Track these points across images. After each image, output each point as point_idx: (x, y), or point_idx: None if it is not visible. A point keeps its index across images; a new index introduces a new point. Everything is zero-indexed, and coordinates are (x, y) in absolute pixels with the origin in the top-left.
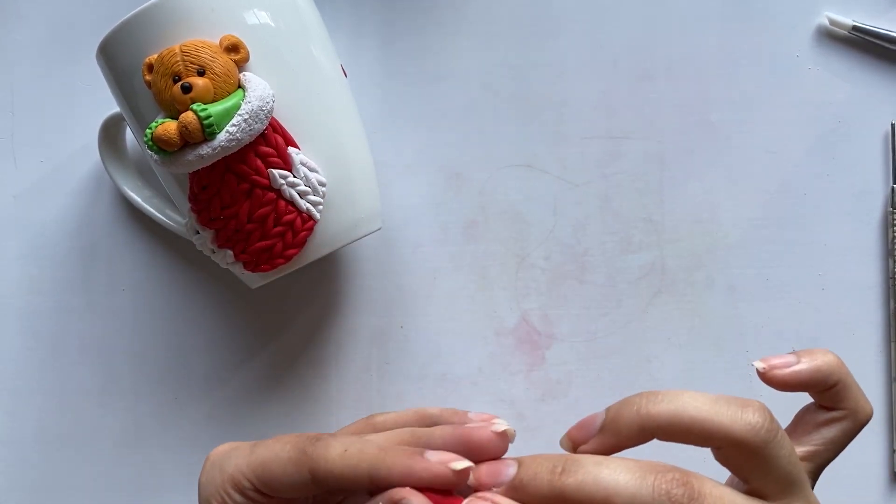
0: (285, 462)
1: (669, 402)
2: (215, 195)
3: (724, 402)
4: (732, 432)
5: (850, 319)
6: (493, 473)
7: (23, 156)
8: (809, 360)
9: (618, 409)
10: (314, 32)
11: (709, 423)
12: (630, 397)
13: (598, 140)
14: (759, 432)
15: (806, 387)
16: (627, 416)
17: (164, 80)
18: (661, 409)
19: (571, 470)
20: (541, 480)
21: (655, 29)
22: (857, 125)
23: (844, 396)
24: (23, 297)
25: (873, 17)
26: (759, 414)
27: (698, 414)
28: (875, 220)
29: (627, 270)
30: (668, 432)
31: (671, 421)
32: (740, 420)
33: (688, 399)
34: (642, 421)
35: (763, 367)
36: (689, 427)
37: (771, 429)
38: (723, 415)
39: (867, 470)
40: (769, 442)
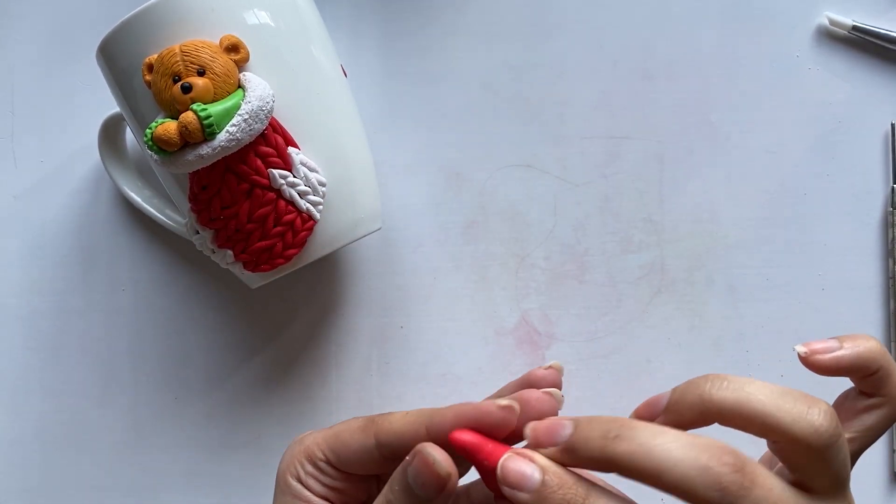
0: (355, 430)
1: (734, 391)
2: (215, 195)
3: (791, 398)
4: (794, 431)
5: (850, 319)
6: (549, 432)
7: (23, 156)
8: (852, 345)
9: (683, 390)
10: (314, 32)
11: (771, 418)
12: (696, 379)
13: (598, 140)
14: (821, 436)
15: (848, 372)
16: (691, 398)
17: (164, 80)
18: (726, 395)
19: (626, 437)
20: (593, 443)
21: (655, 29)
22: (857, 125)
23: (886, 383)
24: (23, 297)
25: (873, 17)
26: (825, 417)
27: (762, 407)
28: (875, 220)
29: (627, 270)
30: (729, 420)
31: (734, 409)
32: (804, 420)
33: (754, 389)
34: (705, 405)
35: (805, 352)
36: (752, 418)
37: (834, 433)
38: (787, 411)
39: (867, 470)
40: (830, 447)
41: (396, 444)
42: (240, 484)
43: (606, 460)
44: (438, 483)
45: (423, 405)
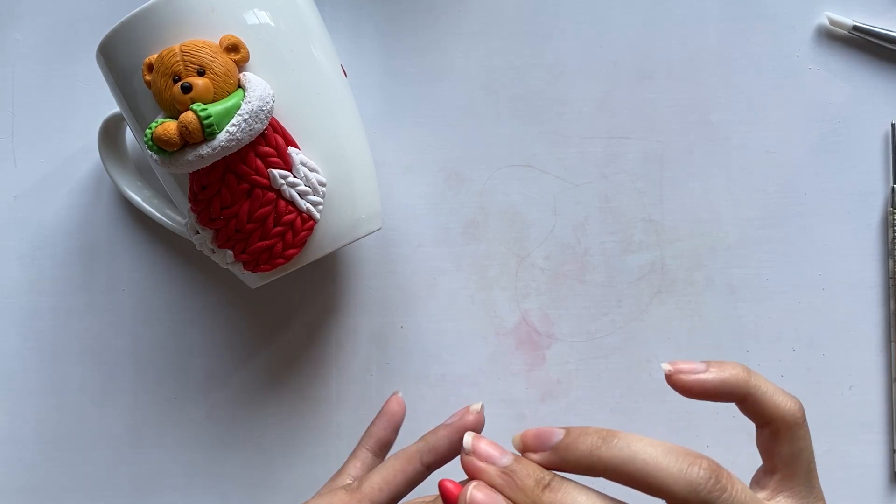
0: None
1: (622, 449)
2: (215, 195)
3: (674, 457)
4: (674, 490)
5: (850, 319)
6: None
7: (23, 156)
8: (718, 370)
9: (576, 437)
10: (314, 32)
11: (653, 478)
12: (590, 430)
13: (598, 140)
14: (699, 491)
15: (713, 396)
16: (581, 449)
17: (164, 80)
18: (613, 454)
19: (555, 487)
20: (527, 484)
21: (655, 29)
22: (857, 125)
23: (761, 407)
24: (23, 297)
25: (873, 17)
26: (705, 472)
27: (645, 467)
28: (875, 220)
29: (627, 270)
30: (614, 476)
31: (619, 468)
32: (683, 478)
33: (639, 448)
34: (592, 461)
35: (669, 370)
36: (636, 477)
37: (714, 489)
38: (668, 470)
39: (867, 470)
40: (712, 502)
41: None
42: (239, 483)
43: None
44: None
45: (423, 405)
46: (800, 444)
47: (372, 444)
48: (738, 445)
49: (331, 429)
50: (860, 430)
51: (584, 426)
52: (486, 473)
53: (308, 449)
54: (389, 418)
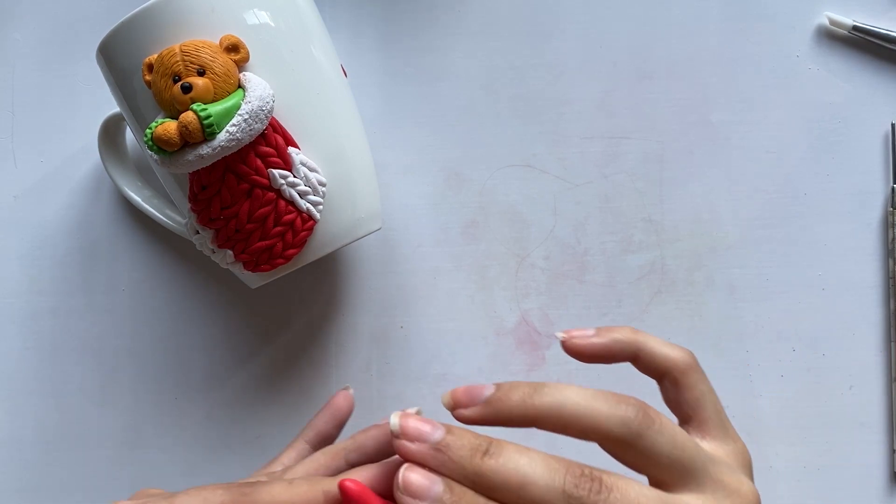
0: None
1: (553, 396)
2: (215, 195)
3: (602, 398)
4: (606, 426)
5: (850, 319)
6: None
7: (23, 156)
8: (606, 332)
9: (507, 390)
10: (314, 32)
11: (585, 419)
12: (519, 383)
13: (598, 140)
14: (630, 424)
15: (606, 358)
16: (514, 399)
17: (164, 80)
18: (545, 401)
19: (493, 452)
20: (463, 455)
21: (655, 29)
22: (857, 125)
23: (652, 360)
24: (23, 297)
25: (873, 17)
26: (633, 408)
27: (576, 409)
28: (875, 220)
29: (627, 270)
30: (547, 423)
31: (551, 413)
32: (615, 415)
33: (569, 393)
34: (525, 410)
35: (563, 337)
36: (568, 421)
37: (644, 421)
38: (599, 410)
39: (867, 470)
40: (642, 433)
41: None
42: None
43: (475, 473)
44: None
45: (422, 405)
46: (700, 388)
47: (311, 437)
48: None
49: None
50: (860, 430)
51: (512, 381)
52: (417, 454)
53: None
54: (333, 412)
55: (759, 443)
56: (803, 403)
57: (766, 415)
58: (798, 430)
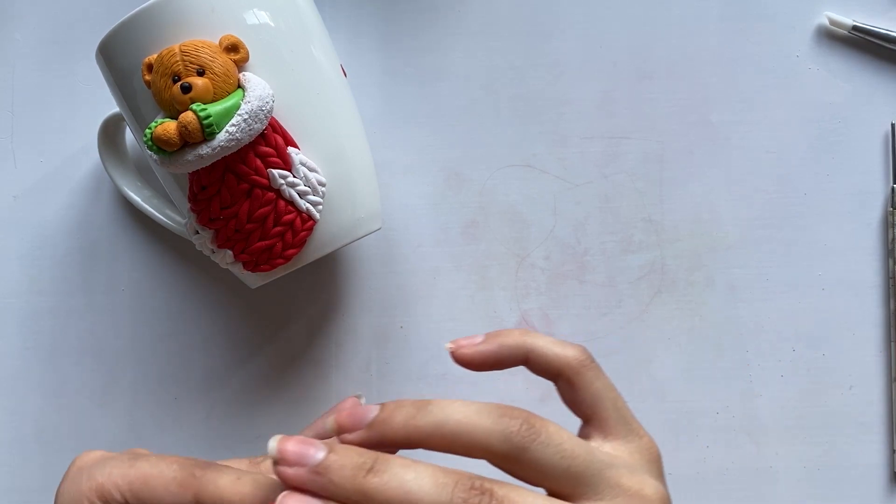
0: (169, 481)
1: (435, 415)
2: (215, 195)
3: (486, 413)
4: (487, 442)
5: (851, 319)
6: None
7: (22, 156)
8: (494, 337)
9: (391, 410)
10: (314, 32)
11: (466, 436)
12: (405, 402)
13: (598, 140)
14: (512, 439)
15: (496, 364)
16: (397, 421)
17: (163, 80)
18: (427, 421)
19: (378, 469)
20: (345, 475)
21: (655, 29)
22: (857, 125)
23: (545, 360)
24: (23, 297)
25: (873, 16)
26: (517, 420)
27: (457, 427)
28: (875, 220)
29: (627, 270)
30: (432, 444)
31: (434, 434)
32: (497, 430)
33: (452, 411)
34: (409, 432)
35: (451, 348)
36: (451, 440)
37: (527, 434)
38: (482, 426)
39: (868, 470)
40: (527, 447)
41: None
42: None
43: (359, 492)
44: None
45: None
46: (595, 385)
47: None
48: (739, 445)
49: None
50: (860, 430)
51: (399, 400)
52: (296, 479)
53: None
54: None
55: (759, 443)
56: (803, 403)
57: (766, 415)
58: (798, 430)
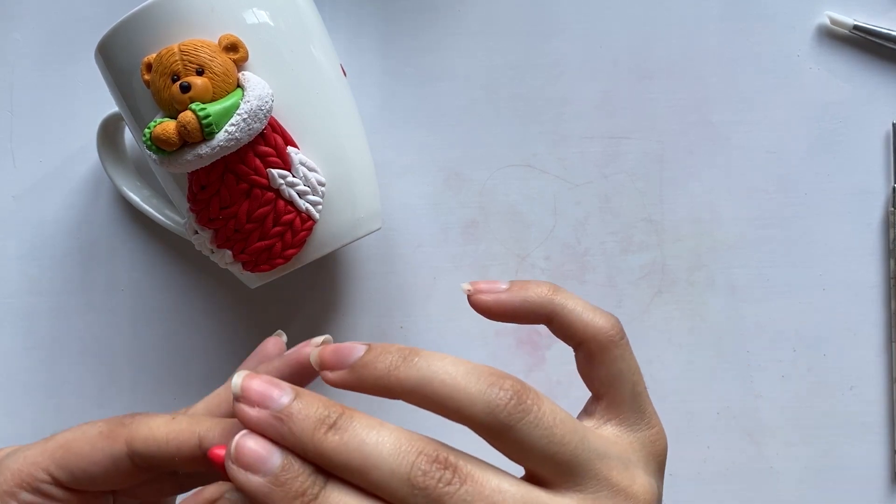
0: (94, 438)
1: (420, 369)
2: (214, 195)
3: (475, 377)
4: (471, 411)
5: (851, 320)
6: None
7: (22, 156)
8: (519, 289)
9: (376, 354)
10: (314, 32)
11: (450, 400)
12: (392, 348)
13: (598, 140)
14: (498, 413)
15: (515, 317)
16: (380, 368)
17: (162, 80)
18: (410, 374)
19: (340, 426)
20: (306, 428)
21: (655, 29)
22: (857, 125)
23: (570, 327)
24: (22, 297)
25: (874, 16)
26: (507, 392)
27: (442, 387)
28: (876, 220)
29: (628, 270)
30: (412, 399)
31: (416, 389)
32: (482, 399)
33: (439, 368)
34: (390, 381)
35: (469, 289)
36: (432, 399)
37: (516, 410)
38: (466, 391)
39: (868, 471)
40: (512, 425)
41: (159, 455)
42: None
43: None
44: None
45: None
46: (618, 365)
47: None
48: (739, 446)
49: None
50: (861, 430)
51: (387, 344)
52: (255, 421)
53: None
54: (260, 360)
55: (760, 443)
56: (804, 404)
57: (766, 415)
58: (799, 430)
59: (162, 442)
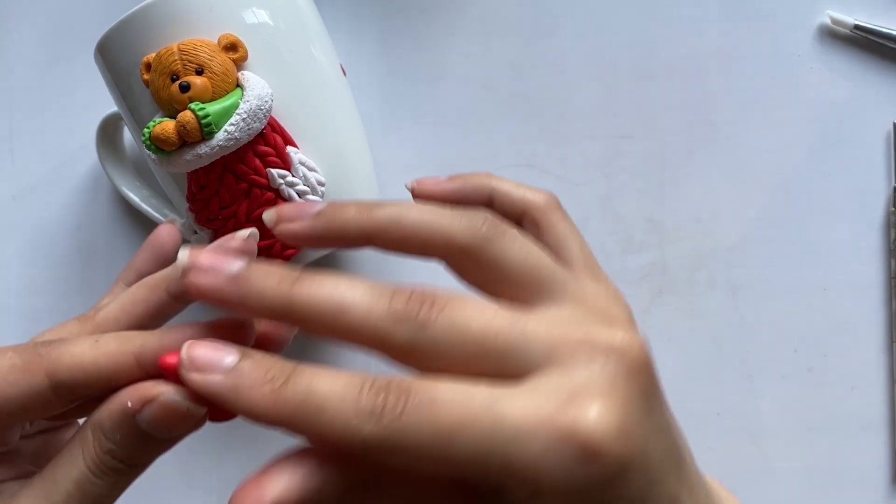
0: (7, 371)
1: (391, 209)
2: (214, 195)
3: (449, 210)
4: (449, 234)
5: (852, 320)
6: (213, 266)
7: (21, 155)
8: (458, 177)
9: (341, 204)
10: (313, 31)
11: (426, 230)
12: (353, 201)
13: (599, 140)
14: (477, 231)
15: (457, 200)
16: (350, 211)
17: (162, 79)
18: (383, 212)
19: (306, 278)
20: (268, 286)
21: (655, 28)
22: (859, 125)
23: (509, 201)
24: (22, 298)
25: (875, 16)
26: (481, 216)
27: (419, 218)
28: (877, 220)
29: (628, 270)
30: (386, 238)
31: (389, 225)
32: (459, 223)
33: (410, 206)
34: (362, 221)
35: (413, 185)
36: (408, 232)
37: (493, 228)
38: (442, 218)
39: (869, 471)
40: (492, 240)
41: (89, 383)
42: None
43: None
44: (196, 424)
45: None
46: (562, 227)
47: (132, 279)
48: (740, 446)
49: None
50: (862, 431)
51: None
52: (210, 287)
53: None
54: (154, 249)
55: (760, 444)
56: (805, 404)
57: (767, 415)
58: (799, 431)
59: (91, 369)
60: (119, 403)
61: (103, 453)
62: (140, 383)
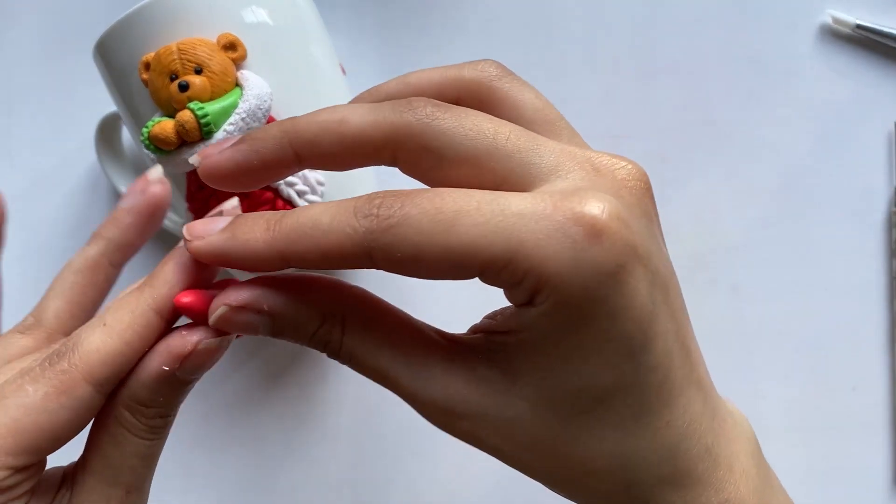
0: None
1: (293, 215)
2: (213, 195)
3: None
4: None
5: (854, 320)
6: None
7: (19, 155)
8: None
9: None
10: (313, 30)
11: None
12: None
13: (599, 139)
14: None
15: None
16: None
17: (160, 79)
18: (291, 218)
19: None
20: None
21: (656, 28)
22: (860, 124)
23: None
24: (21, 298)
25: (877, 15)
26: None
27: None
28: (878, 220)
29: None
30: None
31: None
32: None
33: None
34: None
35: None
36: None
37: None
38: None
39: (871, 472)
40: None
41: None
42: (237, 485)
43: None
44: (225, 348)
45: None
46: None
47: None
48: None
49: (331, 431)
50: (863, 431)
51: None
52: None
53: (307, 450)
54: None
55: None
56: (806, 404)
57: (768, 416)
58: (801, 431)
59: (124, 350)
60: (149, 373)
61: (152, 419)
62: (161, 346)
